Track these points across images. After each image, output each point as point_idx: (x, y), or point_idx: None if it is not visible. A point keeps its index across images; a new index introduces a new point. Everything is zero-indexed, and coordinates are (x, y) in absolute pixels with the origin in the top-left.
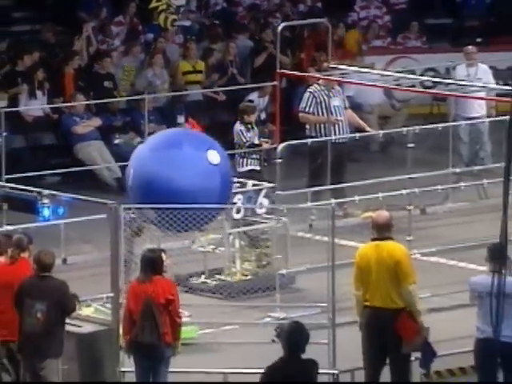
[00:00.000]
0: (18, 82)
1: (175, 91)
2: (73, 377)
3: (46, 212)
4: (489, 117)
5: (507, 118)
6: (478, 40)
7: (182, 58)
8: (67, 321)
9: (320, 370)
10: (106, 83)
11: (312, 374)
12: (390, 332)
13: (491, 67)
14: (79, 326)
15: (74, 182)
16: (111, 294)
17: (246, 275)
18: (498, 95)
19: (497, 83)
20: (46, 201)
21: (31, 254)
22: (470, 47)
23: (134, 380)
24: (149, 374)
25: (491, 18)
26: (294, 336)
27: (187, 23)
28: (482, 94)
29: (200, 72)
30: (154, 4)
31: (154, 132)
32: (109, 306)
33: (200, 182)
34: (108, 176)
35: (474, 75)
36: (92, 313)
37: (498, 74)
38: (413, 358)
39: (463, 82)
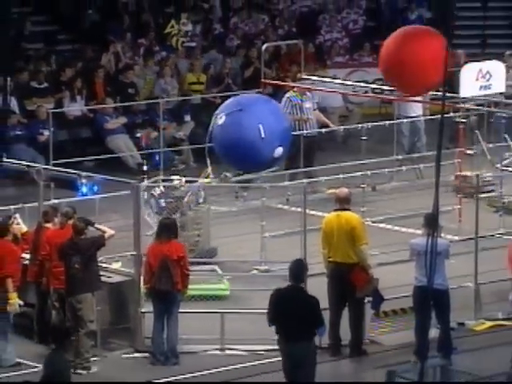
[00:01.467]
0: (62, 89)
1: (183, 95)
2: (105, 315)
3: (84, 189)
4: (424, 116)
5: (439, 117)
6: None
7: (189, 71)
8: (101, 273)
9: None
10: (130, 90)
11: (312, 299)
12: (348, 281)
13: None
14: (109, 277)
15: (106, 166)
16: (134, 252)
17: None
18: (431, 99)
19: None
20: (84, 180)
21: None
22: None
23: (152, 318)
24: (164, 314)
25: None
26: (296, 269)
27: (193, 44)
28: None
29: (202, 83)
30: (168, 29)
31: (167, 128)
32: None
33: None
34: (131, 162)
35: None
36: (119, 267)
37: None
38: (366, 302)
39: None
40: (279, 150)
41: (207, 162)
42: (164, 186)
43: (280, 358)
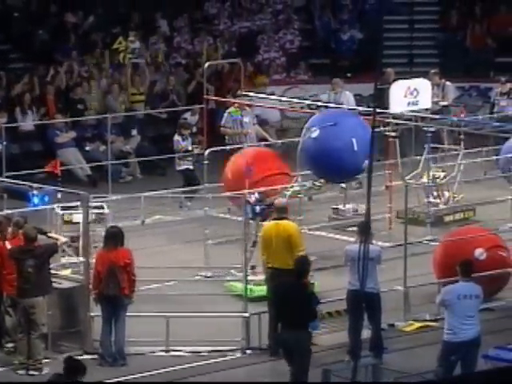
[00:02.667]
0: (13, 105)
1: (130, 110)
2: (56, 319)
3: (36, 200)
4: None
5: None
6: (348, 75)
7: (131, 85)
8: (52, 279)
9: (234, 314)
10: (79, 105)
11: (311, 295)
12: None
13: (358, 94)
14: (60, 283)
15: (56, 178)
16: (83, 259)
17: None
18: (361, 114)
19: (362, 106)
20: (35, 192)
21: (26, 227)
22: (335, 79)
23: (101, 322)
24: (112, 317)
25: (357, 59)
26: (300, 266)
27: (140, 60)
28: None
29: (142, 94)
30: (116, 46)
31: (114, 141)
32: None
33: None
34: (81, 174)
35: (338, 99)
36: (69, 273)
37: (363, 100)
38: None
39: (331, 105)
40: (366, 162)
41: (297, 171)
42: (259, 193)
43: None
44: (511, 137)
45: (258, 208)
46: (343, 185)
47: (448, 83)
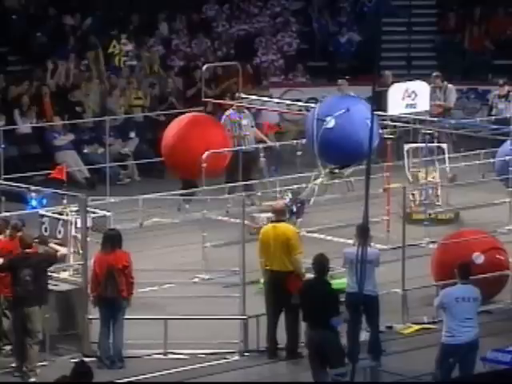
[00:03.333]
0: (11, 107)
1: (128, 113)
2: (54, 322)
3: (34, 202)
4: None
5: None
6: (346, 77)
7: (126, 88)
8: (49, 281)
9: (232, 316)
10: (77, 108)
11: (334, 291)
12: (284, 288)
13: None
14: (57, 285)
15: (54, 180)
16: (81, 263)
17: None
18: None
19: None
20: (33, 194)
21: (24, 233)
22: (340, 81)
23: (99, 324)
24: (110, 320)
25: (355, 62)
26: (319, 263)
27: (134, 63)
28: None
29: (140, 98)
30: (111, 49)
31: (113, 144)
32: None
33: None
34: (79, 176)
35: None
36: (67, 276)
37: None
38: None
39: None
40: (376, 142)
41: (318, 163)
42: (291, 193)
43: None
44: (507, 140)
45: (294, 208)
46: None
47: (450, 86)
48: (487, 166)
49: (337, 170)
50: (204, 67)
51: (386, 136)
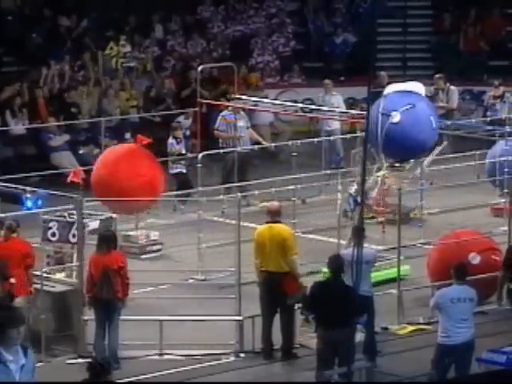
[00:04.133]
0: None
1: (122, 115)
2: (50, 323)
3: (29, 203)
4: (341, 130)
5: (362, 134)
6: (342, 78)
7: (120, 90)
8: (45, 282)
9: (228, 317)
10: (73, 109)
11: (351, 289)
12: (279, 289)
13: (351, 98)
14: (53, 287)
15: (50, 181)
16: (77, 263)
17: None
18: (353, 117)
19: (355, 109)
20: (28, 195)
21: (19, 234)
22: (326, 80)
23: (94, 325)
24: (105, 321)
25: (350, 63)
26: (335, 263)
27: (132, 64)
28: (336, 114)
29: (135, 99)
30: (108, 51)
31: (108, 145)
32: None
33: None
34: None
35: (329, 101)
36: (63, 277)
37: (357, 102)
38: (296, 308)
39: (326, 105)
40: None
41: (381, 157)
42: (356, 183)
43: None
44: (498, 141)
45: (358, 198)
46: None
47: (452, 87)
48: (482, 167)
49: (397, 164)
50: (199, 68)
51: None
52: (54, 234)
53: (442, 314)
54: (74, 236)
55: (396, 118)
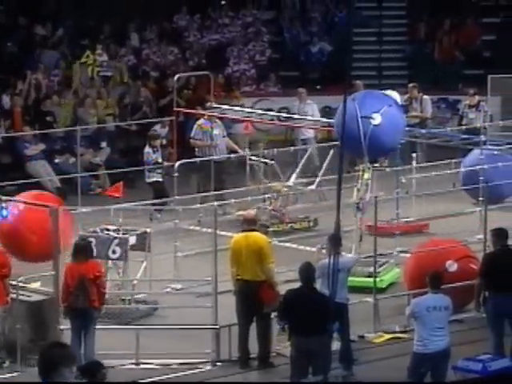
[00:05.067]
0: None
1: (99, 124)
2: (25, 332)
3: (5, 212)
4: (316, 139)
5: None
6: (318, 87)
7: (97, 97)
8: (21, 292)
9: (205, 326)
10: (48, 118)
11: (323, 297)
12: (256, 298)
13: (327, 107)
14: (29, 296)
15: (26, 190)
16: (53, 273)
17: None
18: (328, 125)
19: (330, 118)
20: (4, 204)
21: None
22: (300, 89)
23: (70, 335)
24: (81, 330)
25: (326, 72)
26: (307, 271)
27: (108, 73)
28: (311, 122)
29: (112, 107)
30: (84, 59)
31: (84, 154)
32: None
33: None
34: (50, 186)
35: (303, 109)
36: (39, 286)
37: (332, 111)
38: (272, 317)
39: (297, 116)
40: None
41: (365, 160)
42: (357, 190)
43: (193, 371)
44: (472, 150)
45: (361, 205)
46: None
47: (425, 97)
48: (458, 176)
49: (377, 164)
50: (176, 77)
51: None
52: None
53: (418, 322)
54: (114, 252)
55: (377, 119)
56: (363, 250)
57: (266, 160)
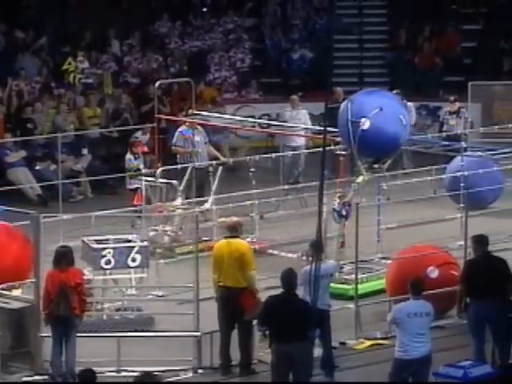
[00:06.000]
0: None
1: (80, 130)
2: (6, 340)
3: None
4: (307, 147)
5: (320, 149)
6: (299, 94)
7: (85, 106)
8: (1, 299)
9: (186, 333)
10: (29, 125)
11: (304, 303)
12: (237, 304)
13: (309, 113)
14: (10, 303)
15: (6, 197)
16: (34, 280)
17: None
18: (313, 133)
19: (313, 124)
20: None
21: None
22: (293, 96)
23: (51, 342)
24: (62, 337)
25: (308, 79)
26: (289, 277)
27: (90, 80)
28: (302, 130)
29: (97, 117)
30: (65, 66)
31: (65, 161)
32: None
33: None
34: (31, 193)
35: (295, 116)
36: (19, 293)
37: (314, 118)
38: (254, 324)
39: (288, 124)
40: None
41: (358, 163)
42: (338, 197)
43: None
44: (456, 156)
45: (344, 211)
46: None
47: (409, 103)
48: (439, 182)
49: (376, 165)
50: (157, 84)
51: (338, 152)
52: (108, 262)
53: (399, 328)
54: (133, 260)
55: (366, 124)
56: (345, 257)
57: (165, 180)
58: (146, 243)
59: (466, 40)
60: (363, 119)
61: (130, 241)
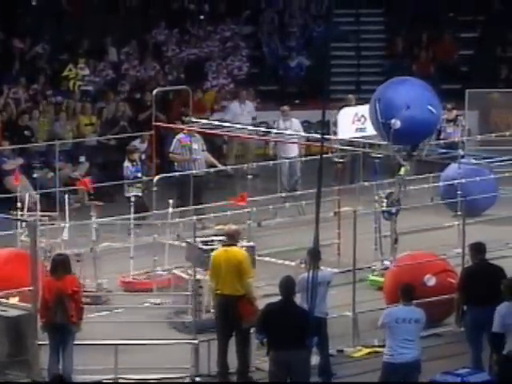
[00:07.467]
0: None
1: (78, 138)
2: (3, 348)
3: None
4: (300, 156)
5: (318, 157)
6: (296, 101)
7: (81, 114)
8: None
9: (183, 341)
10: (26, 132)
11: (304, 312)
12: (235, 312)
13: (306, 121)
14: (7, 311)
15: (3, 205)
16: (31, 288)
17: None
18: (308, 140)
19: (310, 132)
20: None
21: None
22: (284, 107)
23: (48, 350)
24: (59, 345)
25: (305, 86)
26: (286, 284)
27: (90, 87)
28: (295, 140)
29: (93, 124)
30: (66, 73)
31: (63, 168)
32: None
33: None
34: (28, 201)
35: (289, 127)
36: (17, 301)
37: (311, 126)
38: (251, 331)
39: (283, 132)
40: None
41: (401, 161)
42: (386, 197)
43: None
44: (451, 164)
45: (393, 209)
46: None
47: None
48: (436, 190)
49: (414, 153)
50: (154, 91)
51: (336, 160)
52: None
53: (388, 332)
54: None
55: (396, 124)
56: (343, 264)
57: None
58: (252, 243)
59: (463, 48)
60: (393, 120)
61: None
